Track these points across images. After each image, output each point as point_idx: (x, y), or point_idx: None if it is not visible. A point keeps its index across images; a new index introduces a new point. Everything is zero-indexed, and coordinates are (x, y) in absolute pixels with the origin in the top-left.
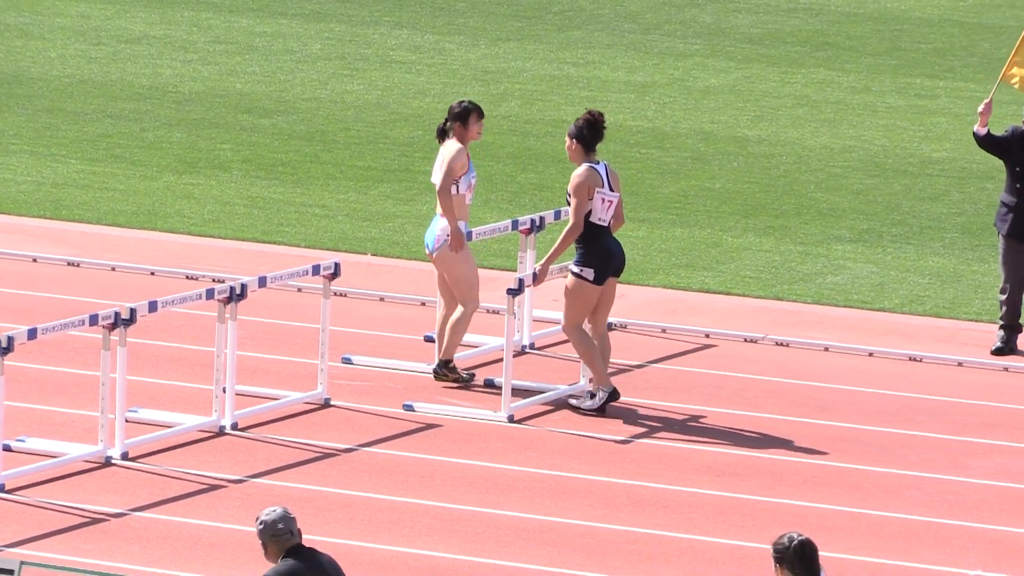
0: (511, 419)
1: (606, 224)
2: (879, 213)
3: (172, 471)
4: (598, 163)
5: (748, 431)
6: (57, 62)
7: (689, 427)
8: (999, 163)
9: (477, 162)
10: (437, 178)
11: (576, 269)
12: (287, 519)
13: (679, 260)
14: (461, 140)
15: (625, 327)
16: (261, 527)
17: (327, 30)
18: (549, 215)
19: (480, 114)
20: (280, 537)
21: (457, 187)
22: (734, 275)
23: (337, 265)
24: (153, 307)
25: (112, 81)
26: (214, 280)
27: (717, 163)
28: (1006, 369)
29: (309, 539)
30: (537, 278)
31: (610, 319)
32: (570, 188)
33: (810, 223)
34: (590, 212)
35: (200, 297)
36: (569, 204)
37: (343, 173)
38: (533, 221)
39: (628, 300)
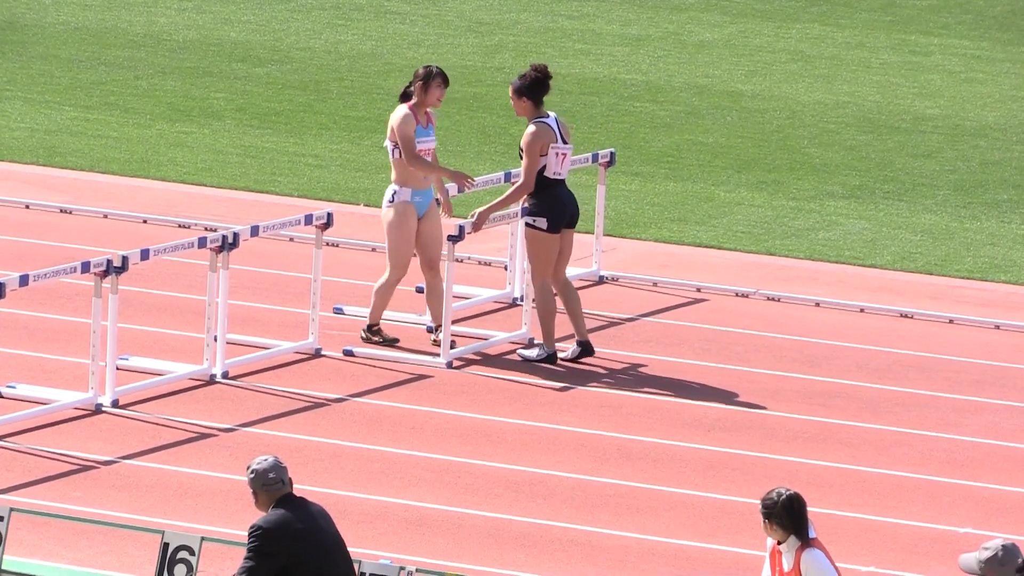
0: (449, 365)
1: (559, 176)
2: (872, 169)
3: (162, 419)
4: (548, 116)
5: (739, 386)
6: (52, 9)
7: (680, 381)
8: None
9: (471, 115)
10: (390, 138)
11: (530, 220)
12: (278, 468)
13: (671, 214)
14: (420, 104)
15: (617, 280)
16: (252, 476)
17: None
18: None
19: (444, 81)
20: (271, 486)
21: (400, 153)
22: (726, 230)
23: (330, 215)
24: (145, 255)
25: (107, 29)
26: (206, 229)
27: (710, 117)
28: (997, 327)
29: (299, 488)
30: (475, 224)
31: (602, 272)
32: (523, 145)
33: (803, 179)
34: (544, 167)
35: (192, 245)
36: (521, 160)
37: (336, 123)
38: None
39: (620, 253)
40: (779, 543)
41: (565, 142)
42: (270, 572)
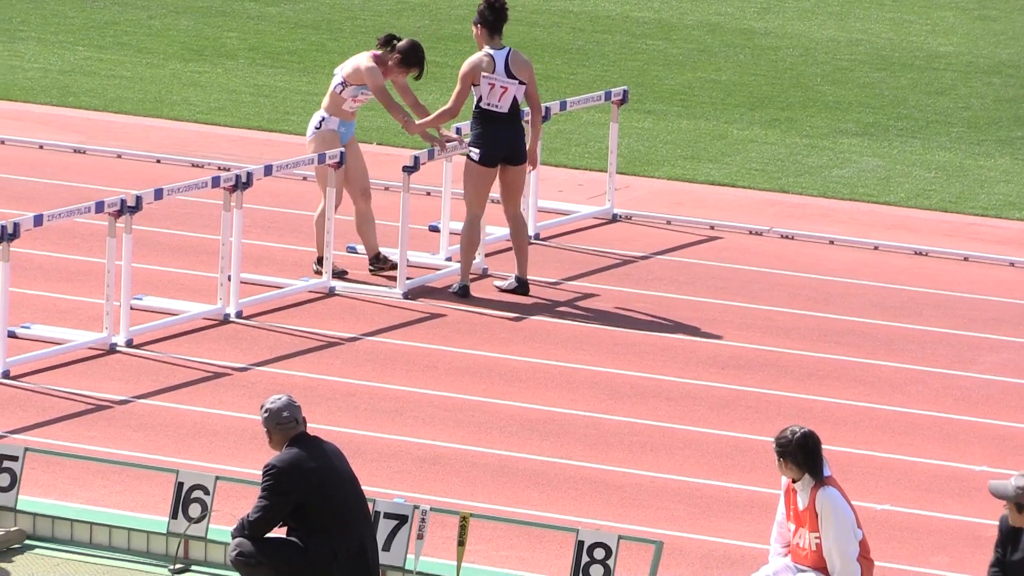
0: (406, 296)
1: (497, 109)
2: (885, 107)
3: (176, 359)
4: (501, 49)
5: (753, 324)
6: None
7: (693, 319)
8: (1005, 57)
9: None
10: (337, 74)
11: (466, 151)
12: (292, 407)
13: (684, 152)
14: (383, 66)
15: (630, 218)
16: (266, 415)
17: None
18: (555, 105)
19: (419, 75)
20: (285, 425)
21: (343, 90)
22: (740, 167)
23: (342, 154)
24: (159, 195)
25: None
26: (220, 168)
27: (723, 55)
28: (1012, 264)
29: (313, 427)
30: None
31: (616, 210)
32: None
33: (816, 116)
34: (482, 98)
35: (206, 185)
36: None
37: None
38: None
39: (633, 191)
40: (794, 481)
41: (511, 76)
42: (284, 510)
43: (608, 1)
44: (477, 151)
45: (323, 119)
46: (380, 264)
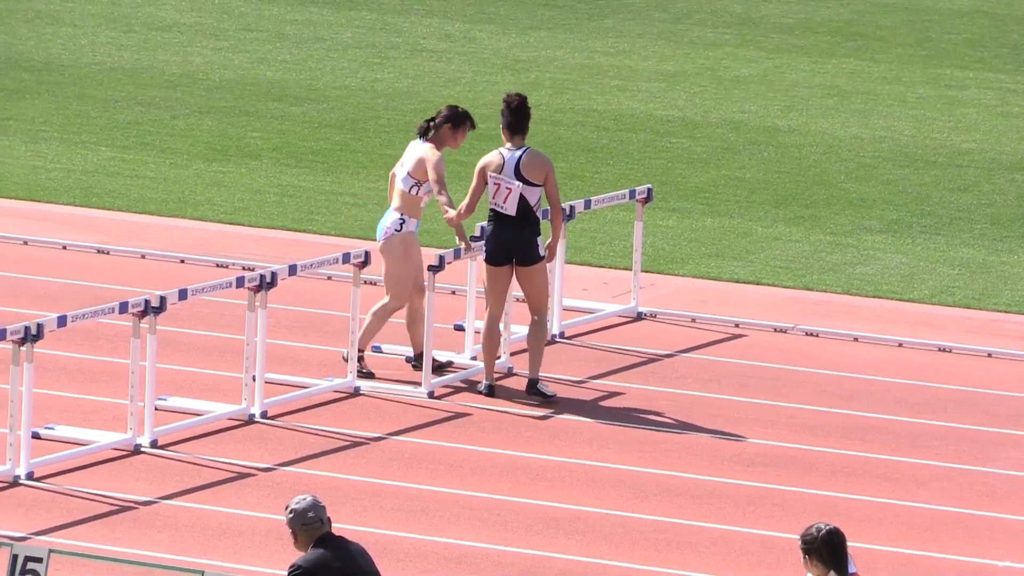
0: (431, 395)
1: (502, 210)
2: (909, 203)
3: (201, 459)
4: (518, 149)
5: (778, 421)
6: (88, 49)
7: (718, 417)
8: None
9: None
10: (403, 174)
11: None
12: (317, 507)
13: (709, 250)
14: (443, 143)
15: (655, 316)
16: (291, 515)
17: (357, 18)
18: (580, 204)
19: (473, 126)
20: (310, 525)
21: (419, 189)
22: (764, 265)
23: (367, 253)
24: (183, 295)
25: (142, 68)
26: (244, 268)
27: (747, 153)
28: None
29: (339, 527)
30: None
31: (641, 308)
32: None
33: (840, 213)
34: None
35: (230, 285)
36: None
37: (373, 162)
38: (563, 210)
39: (658, 290)
40: None
41: (520, 177)
42: None
43: (632, 100)
44: (485, 250)
45: (403, 220)
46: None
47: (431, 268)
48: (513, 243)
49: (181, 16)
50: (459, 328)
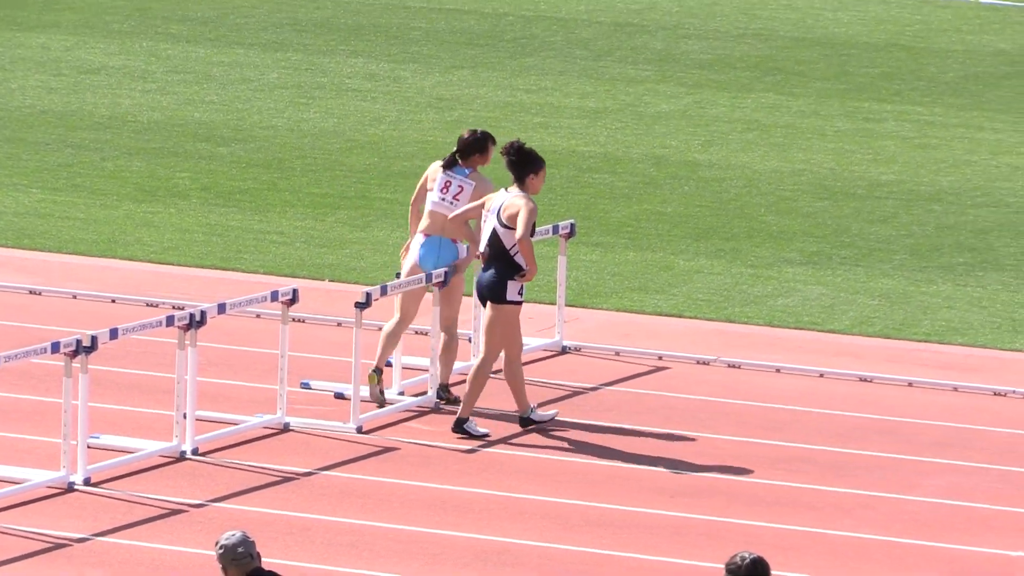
0: (359, 430)
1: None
2: (828, 235)
3: (134, 496)
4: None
5: (702, 452)
6: (18, 93)
7: (643, 448)
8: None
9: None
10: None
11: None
12: (247, 543)
13: (632, 283)
14: (475, 166)
15: (579, 350)
16: (221, 551)
17: (284, 59)
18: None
19: (492, 139)
20: (240, 561)
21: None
22: (686, 298)
23: (295, 291)
24: (114, 334)
25: (72, 111)
26: (174, 307)
27: (668, 187)
28: (955, 389)
29: (269, 562)
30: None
31: (565, 342)
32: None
33: (760, 246)
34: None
35: (160, 324)
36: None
37: (300, 200)
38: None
39: (582, 323)
40: None
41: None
42: None
43: (554, 136)
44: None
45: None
46: (447, 395)
47: (358, 304)
48: (482, 280)
49: (109, 59)
50: (387, 364)
